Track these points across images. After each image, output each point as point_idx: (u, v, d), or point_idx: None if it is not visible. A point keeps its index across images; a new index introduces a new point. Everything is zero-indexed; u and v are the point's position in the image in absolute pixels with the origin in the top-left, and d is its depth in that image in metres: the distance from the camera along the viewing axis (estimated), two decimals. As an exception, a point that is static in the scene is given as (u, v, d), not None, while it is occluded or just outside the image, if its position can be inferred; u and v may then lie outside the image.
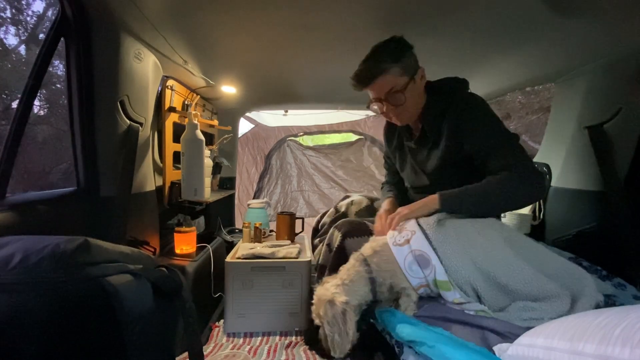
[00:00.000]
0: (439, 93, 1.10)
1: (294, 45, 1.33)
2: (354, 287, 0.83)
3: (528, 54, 1.36)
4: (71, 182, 1.12)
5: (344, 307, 0.78)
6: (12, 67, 4.80)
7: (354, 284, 0.83)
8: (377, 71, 1.01)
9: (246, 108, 2.48)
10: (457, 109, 1.04)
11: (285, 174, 3.21)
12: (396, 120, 1.12)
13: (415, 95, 1.06)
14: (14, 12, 5.05)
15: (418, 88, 1.07)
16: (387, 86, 1.02)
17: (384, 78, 1.01)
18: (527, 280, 0.81)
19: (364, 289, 0.84)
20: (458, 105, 1.05)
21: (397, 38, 1.03)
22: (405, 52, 1.02)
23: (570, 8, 0.99)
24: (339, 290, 0.81)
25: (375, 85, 1.03)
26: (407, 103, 1.04)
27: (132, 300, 0.67)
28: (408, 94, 1.03)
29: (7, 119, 4.13)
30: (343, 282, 0.83)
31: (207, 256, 1.54)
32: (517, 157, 0.97)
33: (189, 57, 1.41)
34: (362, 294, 0.84)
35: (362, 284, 0.84)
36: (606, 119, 1.24)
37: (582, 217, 1.33)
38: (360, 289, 0.83)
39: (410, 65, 1.03)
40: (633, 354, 0.41)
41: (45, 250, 0.61)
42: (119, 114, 1.13)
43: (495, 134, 1.01)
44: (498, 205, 0.97)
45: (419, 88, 1.08)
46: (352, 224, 1.21)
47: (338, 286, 0.83)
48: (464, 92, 1.11)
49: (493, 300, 0.82)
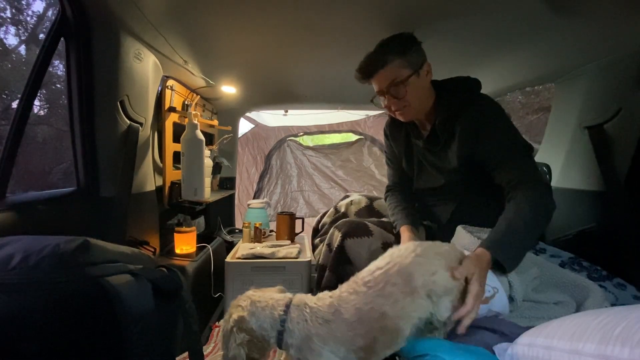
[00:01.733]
0: (452, 92, 1.07)
1: (294, 45, 1.33)
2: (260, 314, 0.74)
3: (528, 54, 1.36)
4: (71, 182, 1.12)
5: (232, 325, 0.72)
6: (12, 67, 4.80)
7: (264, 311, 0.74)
8: (380, 63, 1.00)
9: (246, 108, 2.48)
10: (474, 111, 1.02)
11: (285, 174, 3.21)
12: (400, 116, 1.09)
13: (418, 89, 1.04)
14: (14, 12, 5.05)
15: (422, 83, 1.04)
16: (389, 78, 1.01)
17: (386, 69, 1.00)
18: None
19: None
20: (474, 107, 1.02)
21: (405, 33, 1.03)
22: (411, 46, 1.01)
23: (570, 8, 0.99)
24: (245, 312, 0.74)
25: (377, 77, 1.03)
26: (409, 97, 1.03)
27: (132, 300, 0.67)
28: (410, 87, 1.01)
29: (7, 119, 4.13)
30: (253, 302, 0.76)
31: (207, 256, 1.54)
32: (534, 173, 0.94)
33: (189, 57, 1.41)
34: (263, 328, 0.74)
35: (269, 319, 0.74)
36: (606, 119, 1.24)
37: (582, 217, 1.33)
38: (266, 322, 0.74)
39: (415, 59, 1.01)
40: (633, 354, 0.41)
41: (45, 250, 0.61)
42: (119, 114, 1.13)
43: (510, 145, 0.98)
44: (539, 233, 0.92)
45: (424, 83, 1.05)
46: (352, 224, 1.20)
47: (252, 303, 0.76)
48: (479, 93, 1.08)
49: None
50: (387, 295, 0.70)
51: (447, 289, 0.71)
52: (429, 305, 0.71)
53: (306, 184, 3.23)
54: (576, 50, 1.26)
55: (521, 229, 0.86)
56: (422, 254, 0.74)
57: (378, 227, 1.20)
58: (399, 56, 0.99)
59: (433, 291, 0.70)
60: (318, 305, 0.74)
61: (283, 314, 0.73)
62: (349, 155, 3.22)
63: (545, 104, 4.97)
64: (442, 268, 0.72)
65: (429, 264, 0.72)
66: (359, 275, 0.77)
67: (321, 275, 1.23)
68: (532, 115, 5.28)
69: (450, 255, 0.76)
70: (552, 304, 0.84)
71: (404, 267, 0.72)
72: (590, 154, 1.28)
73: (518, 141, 0.99)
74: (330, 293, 0.77)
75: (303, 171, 3.22)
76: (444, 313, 0.71)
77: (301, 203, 3.20)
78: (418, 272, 0.71)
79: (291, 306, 0.75)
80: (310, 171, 3.23)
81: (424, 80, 1.05)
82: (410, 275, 0.71)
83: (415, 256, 0.73)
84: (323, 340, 0.70)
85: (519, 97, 5.45)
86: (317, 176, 3.23)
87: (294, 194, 3.21)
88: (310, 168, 3.23)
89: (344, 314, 0.71)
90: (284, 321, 0.73)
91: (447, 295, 0.71)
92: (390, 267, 0.73)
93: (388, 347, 0.71)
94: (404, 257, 0.74)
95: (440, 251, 0.76)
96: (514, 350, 0.63)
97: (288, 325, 0.72)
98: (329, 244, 1.24)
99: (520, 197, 0.91)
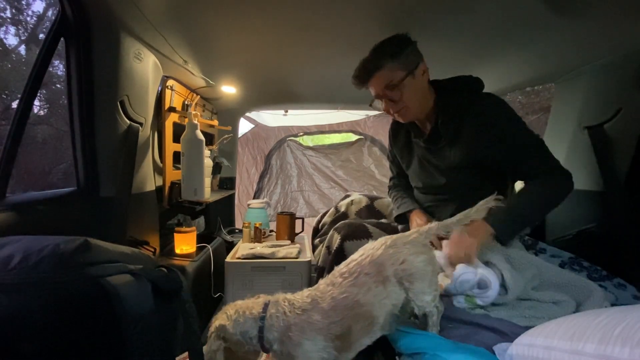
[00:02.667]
0: (453, 92, 1.08)
1: (294, 45, 1.33)
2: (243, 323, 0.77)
3: (528, 54, 1.36)
4: (71, 182, 1.12)
5: (212, 331, 0.75)
6: (12, 67, 4.80)
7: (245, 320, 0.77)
8: (374, 68, 1.02)
9: (246, 108, 2.48)
10: (480, 110, 1.03)
11: (285, 174, 3.21)
12: (399, 117, 1.10)
13: (415, 90, 1.04)
14: (14, 12, 5.05)
15: (418, 83, 1.05)
16: (384, 81, 1.03)
17: (380, 74, 1.02)
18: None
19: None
20: (480, 107, 1.03)
21: (399, 35, 1.03)
22: (404, 48, 1.02)
23: (570, 8, 0.99)
24: (229, 320, 0.77)
25: (372, 82, 1.04)
26: (405, 98, 1.04)
27: (132, 300, 0.67)
28: (405, 89, 1.02)
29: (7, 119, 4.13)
30: (237, 310, 0.79)
31: (207, 256, 1.54)
32: (551, 161, 1.00)
33: (189, 57, 1.41)
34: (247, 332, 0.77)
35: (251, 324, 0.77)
36: (606, 119, 1.24)
37: (582, 217, 1.33)
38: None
39: (409, 60, 1.02)
40: (633, 354, 0.41)
41: (45, 250, 0.61)
42: (119, 114, 1.13)
43: (528, 138, 1.01)
44: (543, 214, 1.04)
45: (420, 84, 1.05)
46: (352, 226, 1.20)
47: (236, 312, 0.78)
48: (482, 92, 1.09)
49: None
50: (360, 284, 0.75)
51: (419, 274, 0.76)
52: (402, 292, 0.76)
53: (306, 184, 3.23)
54: (576, 50, 1.26)
55: (525, 205, 0.97)
56: (392, 245, 0.80)
57: (377, 229, 1.20)
58: (392, 59, 1.00)
59: (404, 278, 0.75)
60: (296, 297, 0.78)
61: (262, 312, 0.76)
62: (349, 155, 3.22)
63: (545, 104, 4.96)
64: (412, 255, 0.77)
65: (399, 253, 0.78)
66: (337, 269, 0.81)
67: (320, 277, 1.23)
68: (532, 115, 5.28)
69: (418, 242, 0.81)
70: (552, 303, 0.84)
71: (376, 258, 0.78)
72: (590, 154, 1.28)
73: (531, 135, 1.01)
74: (310, 287, 0.81)
75: (303, 171, 3.22)
76: (420, 297, 0.76)
77: (301, 203, 3.20)
78: (388, 261, 0.76)
79: (270, 303, 0.78)
80: (310, 171, 3.23)
81: (420, 80, 1.05)
82: (382, 265, 0.76)
83: (386, 247, 0.79)
84: (301, 329, 0.72)
85: (519, 97, 5.45)
86: (317, 176, 3.23)
87: (294, 194, 3.21)
88: (310, 168, 3.23)
89: (321, 303, 0.75)
90: (263, 318, 0.75)
91: (420, 280, 0.76)
92: (363, 259, 0.78)
93: (364, 336, 0.74)
94: (376, 249, 0.79)
95: (407, 240, 0.81)
96: (514, 350, 0.63)
97: (267, 322, 0.75)
98: (328, 246, 1.24)
99: (536, 182, 0.99)
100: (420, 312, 0.78)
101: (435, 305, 0.78)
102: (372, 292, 0.74)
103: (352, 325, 0.72)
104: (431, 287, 0.77)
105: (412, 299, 0.76)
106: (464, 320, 0.80)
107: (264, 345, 0.75)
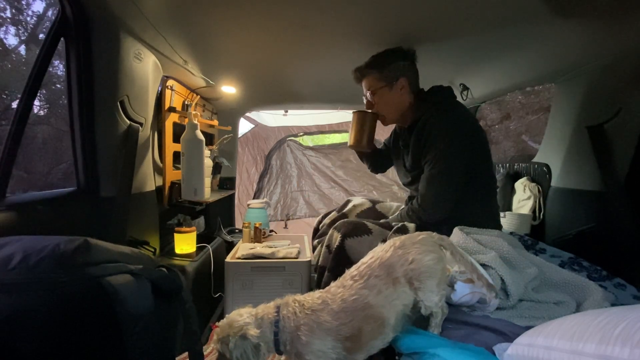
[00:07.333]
0: (424, 101, 1.24)
1: (294, 45, 1.33)
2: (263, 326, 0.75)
3: (528, 54, 1.36)
4: (71, 182, 1.12)
5: (258, 342, 0.72)
6: (12, 67, 4.80)
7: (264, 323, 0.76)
8: (362, 74, 1.27)
9: (246, 108, 2.48)
10: (427, 120, 1.17)
11: (285, 174, 3.21)
12: (381, 119, 1.32)
13: (388, 100, 1.24)
14: (14, 12, 5.05)
15: (394, 96, 1.23)
16: (367, 86, 1.27)
17: (366, 79, 1.27)
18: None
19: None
20: (430, 117, 1.17)
21: (394, 49, 1.22)
22: (390, 63, 1.20)
23: (570, 8, 0.99)
24: (250, 321, 0.75)
25: (362, 83, 1.29)
26: (379, 105, 1.26)
27: (132, 300, 0.67)
28: (378, 97, 1.24)
29: (7, 119, 4.13)
30: (257, 315, 0.77)
31: (207, 256, 1.54)
32: (430, 193, 1.16)
33: (189, 57, 1.41)
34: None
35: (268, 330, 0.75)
36: (606, 119, 1.24)
37: (582, 217, 1.33)
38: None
39: (390, 75, 1.20)
40: (633, 354, 0.41)
41: (45, 250, 0.61)
42: (119, 114, 1.13)
43: (437, 163, 1.13)
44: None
45: (395, 96, 1.23)
46: (351, 224, 1.20)
47: (251, 316, 0.77)
48: (444, 102, 1.21)
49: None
50: (370, 286, 0.75)
51: (428, 272, 0.76)
52: (412, 292, 0.76)
53: (306, 184, 3.23)
54: (576, 50, 1.26)
55: (396, 216, 1.29)
56: (401, 245, 0.80)
57: (377, 226, 1.20)
58: (376, 70, 1.21)
59: (413, 277, 0.75)
60: (307, 299, 0.78)
61: (276, 315, 0.76)
62: (349, 155, 3.22)
63: (545, 104, 4.96)
64: (420, 254, 0.77)
65: (407, 253, 0.78)
66: (347, 272, 0.82)
67: (321, 276, 1.22)
68: (532, 115, 5.27)
69: (426, 241, 0.80)
70: (552, 303, 0.84)
71: (385, 260, 0.77)
72: (590, 154, 1.28)
73: (444, 162, 1.13)
74: (322, 289, 0.82)
75: (303, 171, 3.22)
76: (430, 296, 0.75)
77: (301, 203, 3.20)
78: (398, 262, 0.76)
79: (281, 305, 0.78)
80: (310, 171, 3.23)
81: (397, 93, 1.23)
82: (391, 267, 0.76)
83: (395, 249, 0.79)
84: (310, 329, 0.72)
85: (519, 97, 5.44)
86: (317, 176, 3.23)
87: (294, 194, 3.21)
88: (310, 168, 3.23)
89: (331, 305, 0.75)
90: (277, 322, 0.75)
91: (430, 278, 0.75)
92: (373, 261, 0.78)
93: (375, 338, 0.74)
94: (385, 251, 0.79)
95: (416, 240, 0.81)
96: (514, 350, 0.63)
97: (281, 324, 0.75)
98: (328, 245, 1.23)
99: (414, 200, 1.22)
100: (427, 312, 0.78)
101: (441, 306, 0.78)
102: (382, 294, 0.74)
103: (363, 327, 0.72)
104: (439, 287, 0.77)
105: (422, 299, 0.76)
106: (464, 320, 0.80)
107: (279, 349, 0.75)
